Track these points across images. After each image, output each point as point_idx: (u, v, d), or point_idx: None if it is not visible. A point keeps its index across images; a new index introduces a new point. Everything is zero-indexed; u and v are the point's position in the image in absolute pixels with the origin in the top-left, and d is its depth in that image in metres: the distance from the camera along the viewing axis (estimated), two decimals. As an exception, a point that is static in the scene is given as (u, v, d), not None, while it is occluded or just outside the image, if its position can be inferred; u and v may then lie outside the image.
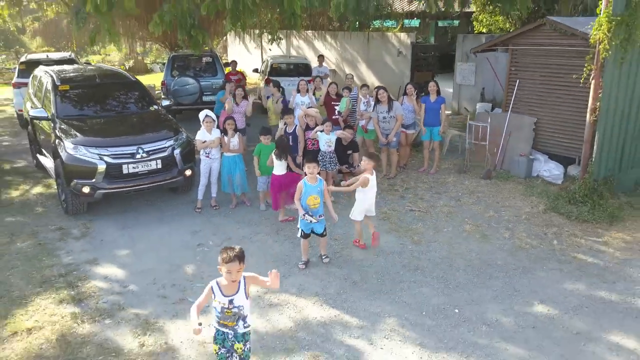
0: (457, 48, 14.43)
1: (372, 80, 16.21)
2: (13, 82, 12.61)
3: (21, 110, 12.32)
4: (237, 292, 3.42)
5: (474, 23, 18.78)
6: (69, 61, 12.97)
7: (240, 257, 3.33)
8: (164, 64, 15.55)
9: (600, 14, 6.88)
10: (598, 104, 7.14)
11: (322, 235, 5.64)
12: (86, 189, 6.76)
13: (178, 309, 4.95)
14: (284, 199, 6.92)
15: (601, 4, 6.91)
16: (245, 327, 3.53)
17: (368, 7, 10.28)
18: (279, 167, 6.68)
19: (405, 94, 8.95)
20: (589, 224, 6.80)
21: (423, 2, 11.02)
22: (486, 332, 4.55)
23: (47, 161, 8.24)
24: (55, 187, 8.07)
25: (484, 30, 17.36)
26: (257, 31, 14.87)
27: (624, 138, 7.79)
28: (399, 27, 18.88)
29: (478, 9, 17.46)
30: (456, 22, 23.46)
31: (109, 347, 4.38)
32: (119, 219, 7.10)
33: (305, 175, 5.59)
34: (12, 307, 4.97)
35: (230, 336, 3.50)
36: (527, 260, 5.89)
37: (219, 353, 3.54)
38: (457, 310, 4.89)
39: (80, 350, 4.33)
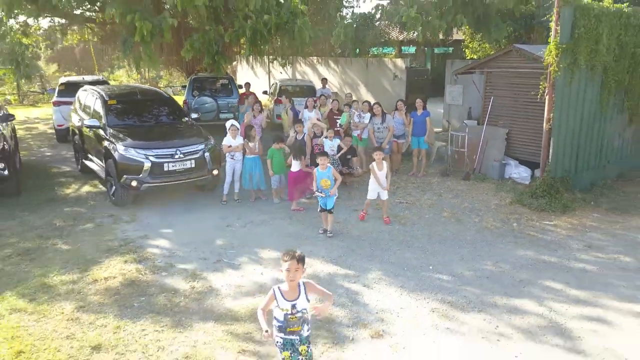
0: (447, 72, 16.12)
1: (371, 101, 17.84)
2: (53, 100, 14.25)
3: (60, 125, 14.06)
4: (298, 297, 3.58)
5: (465, 50, 20.63)
6: (102, 82, 14.69)
7: (298, 258, 3.51)
8: (183, 86, 17.22)
9: (550, 42, 8.52)
10: (552, 115, 8.71)
11: (330, 211, 7.21)
12: (134, 183, 8.32)
13: (217, 266, 6.44)
14: (298, 193, 8.45)
15: (552, 34, 8.55)
16: (308, 331, 3.68)
17: (365, 36, 11.97)
18: (295, 165, 8.24)
19: (396, 109, 10.57)
20: (545, 212, 8.31)
21: (413, 32, 12.67)
22: (452, 280, 6.02)
23: (95, 164, 9.84)
24: (101, 185, 9.67)
25: (475, 57, 19.15)
26: (269, 57, 16.57)
27: (578, 145, 9.36)
28: (395, 53, 20.63)
29: (467, 37, 19.33)
30: (450, 49, 25.35)
31: (168, 288, 5.86)
32: (159, 209, 8.62)
33: (317, 166, 7.23)
34: (89, 265, 6.45)
35: (296, 342, 3.62)
36: (490, 237, 7.38)
37: (292, 357, 3.63)
38: (431, 267, 6.37)
39: (147, 290, 5.81)
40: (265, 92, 17.89)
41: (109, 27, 12.15)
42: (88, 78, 15.46)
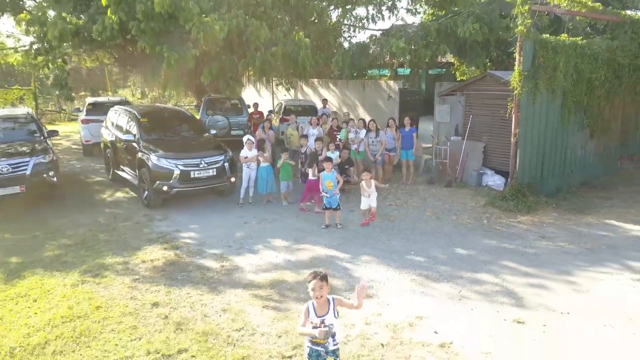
0: (436, 93, 17.77)
1: (367, 119, 19.47)
2: (81, 119, 15.87)
3: (88, 141, 15.69)
4: (327, 312, 3.90)
5: (456, 72, 22.37)
6: (125, 102, 16.34)
7: (321, 277, 3.88)
8: (196, 106, 18.85)
9: (515, 70, 10.15)
10: (518, 130, 10.31)
11: (336, 209, 8.78)
12: (165, 188, 9.87)
13: (239, 251, 7.95)
14: (309, 197, 9.97)
15: (516, 63, 10.20)
16: (334, 345, 3.96)
17: (361, 62, 13.64)
18: (311, 173, 9.77)
19: (387, 126, 12.17)
20: (512, 212, 9.84)
21: (401, 58, 14.31)
22: (428, 261, 7.53)
23: (127, 173, 11.41)
24: (132, 192, 11.23)
25: (464, 78, 20.86)
26: (274, 80, 18.24)
27: (542, 156, 10.95)
28: (390, 75, 22.33)
29: (456, 61, 21.09)
30: (443, 70, 27.12)
31: (203, 267, 7.36)
32: (185, 211, 10.15)
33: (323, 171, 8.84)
34: (135, 251, 7.97)
35: (322, 353, 3.91)
36: (463, 230, 8.91)
37: None
38: (412, 252, 7.89)
39: (186, 268, 7.32)
40: (270, 112, 19.54)
41: (135, 53, 13.73)
42: (113, 99, 17.17)
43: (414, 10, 17.98)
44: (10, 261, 7.64)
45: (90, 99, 16.59)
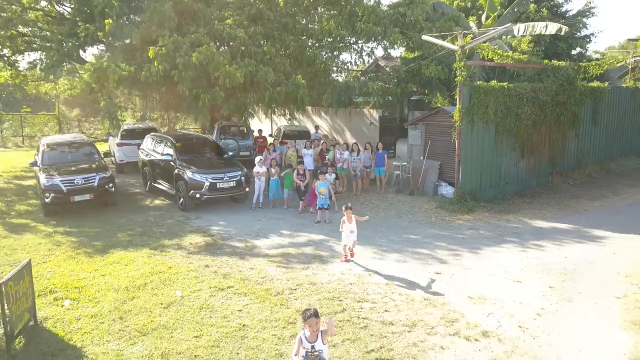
0: (409, 119, 21.40)
1: (353, 141, 23.03)
2: (117, 142, 19.29)
3: (121, 161, 19.11)
4: (317, 340, 4.94)
5: (432, 100, 26.06)
6: (152, 129, 19.82)
7: (315, 314, 4.91)
8: (209, 130, 22.24)
9: (456, 107, 13.75)
10: (460, 152, 13.87)
11: (326, 209, 12.23)
12: (198, 195, 13.29)
13: (256, 237, 11.36)
14: (310, 202, 13.40)
15: (457, 102, 13.80)
16: None
17: (346, 98, 17.26)
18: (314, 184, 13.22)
19: (365, 148, 15.71)
20: (455, 213, 13.34)
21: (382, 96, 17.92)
22: (387, 242, 10.97)
23: (163, 185, 14.81)
24: (167, 200, 14.63)
25: (439, 105, 24.49)
26: (276, 110, 21.79)
27: (481, 171, 14.50)
28: (372, 104, 26.00)
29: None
30: (425, 97, 30.84)
31: (232, 246, 10.76)
32: (213, 212, 13.54)
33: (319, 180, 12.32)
34: (182, 238, 11.34)
35: None
36: (416, 224, 12.39)
37: None
38: (377, 237, 11.34)
39: (221, 246, 10.71)
40: (270, 135, 23.09)
41: (172, 94, 17.28)
42: (141, 125, 20.69)
43: (388, 55, 21.80)
44: (97, 244, 11.00)
45: (125, 126, 20.01)
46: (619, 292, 8.22)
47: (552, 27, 16.72)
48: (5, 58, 19.12)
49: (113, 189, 13.84)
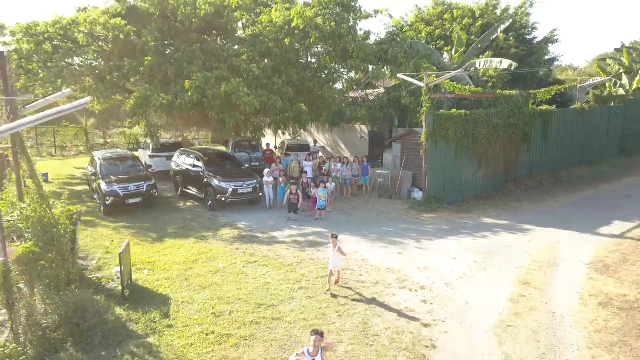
0: (394, 134, 25.33)
1: (347, 154, 27.00)
2: (149, 154, 23.20)
3: (154, 170, 23.05)
4: (317, 355, 6.30)
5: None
6: (178, 144, 23.76)
7: (320, 333, 6.32)
8: (224, 144, 26.16)
9: (423, 131, 17.69)
10: (426, 165, 17.81)
11: (323, 209, 16.19)
12: (224, 199, 17.23)
13: (272, 230, 15.29)
14: (311, 208, 17.32)
15: (423, 126, 17.73)
16: None
17: (340, 119, 21.25)
18: (314, 192, 17.15)
19: (353, 161, 19.68)
20: (422, 212, 17.28)
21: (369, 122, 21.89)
22: (367, 233, 14.88)
23: (193, 191, 18.75)
24: (197, 202, 18.59)
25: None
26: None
27: (444, 179, 18.45)
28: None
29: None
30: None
31: (255, 236, 14.68)
32: (235, 212, 17.46)
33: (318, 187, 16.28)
34: (216, 230, 15.27)
35: None
36: (391, 221, 16.33)
37: None
38: (360, 230, 15.27)
39: (247, 237, 14.63)
40: (275, 147, 27.02)
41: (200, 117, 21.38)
42: (169, 141, 24.70)
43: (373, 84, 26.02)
44: (152, 235, 14.92)
45: (163, 140, 23.93)
46: (520, 265, 12.16)
47: (505, 63, 20.74)
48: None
49: (156, 193, 17.77)
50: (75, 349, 8.11)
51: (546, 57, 32.62)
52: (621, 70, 32.49)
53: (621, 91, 30.39)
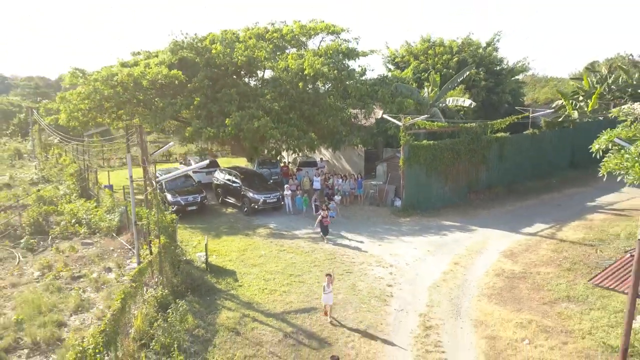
0: (384, 154, 31.77)
1: (348, 169, 33.48)
2: (193, 170, 29.73)
3: (199, 182, 29.67)
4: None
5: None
6: (215, 162, 30.34)
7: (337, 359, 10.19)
8: (248, 161, 32.66)
9: (401, 157, 24.16)
10: (404, 181, 24.27)
11: (333, 217, 22.74)
12: (256, 206, 23.81)
13: (294, 229, 21.85)
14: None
15: (401, 154, 24.19)
16: None
17: (342, 143, 27.81)
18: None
19: (351, 176, 26.20)
20: (400, 217, 23.77)
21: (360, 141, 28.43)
22: (360, 231, 21.39)
23: (231, 200, 25.36)
24: (235, 209, 25.22)
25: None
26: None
27: (417, 192, 24.94)
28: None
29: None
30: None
31: (282, 232, 21.23)
32: (264, 217, 23.98)
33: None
34: (254, 229, 21.83)
35: None
36: (376, 222, 22.85)
37: None
38: (355, 229, 21.79)
39: (277, 233, 21.19)
40: (289, 162, 33.55)
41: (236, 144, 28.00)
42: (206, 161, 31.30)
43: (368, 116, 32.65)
44: (211, 233, 21.46)
45: (197, 159, 30.51)
46: (457, 253, 18.63)
47: (467, 102, 27.14)
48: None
49: (205, 201, 24.36)
50: (192, 296, 14.64)
51: (517, 81, 39.04)
52: (580, 95, 38.47)
53: (575, 115, 36.61)
